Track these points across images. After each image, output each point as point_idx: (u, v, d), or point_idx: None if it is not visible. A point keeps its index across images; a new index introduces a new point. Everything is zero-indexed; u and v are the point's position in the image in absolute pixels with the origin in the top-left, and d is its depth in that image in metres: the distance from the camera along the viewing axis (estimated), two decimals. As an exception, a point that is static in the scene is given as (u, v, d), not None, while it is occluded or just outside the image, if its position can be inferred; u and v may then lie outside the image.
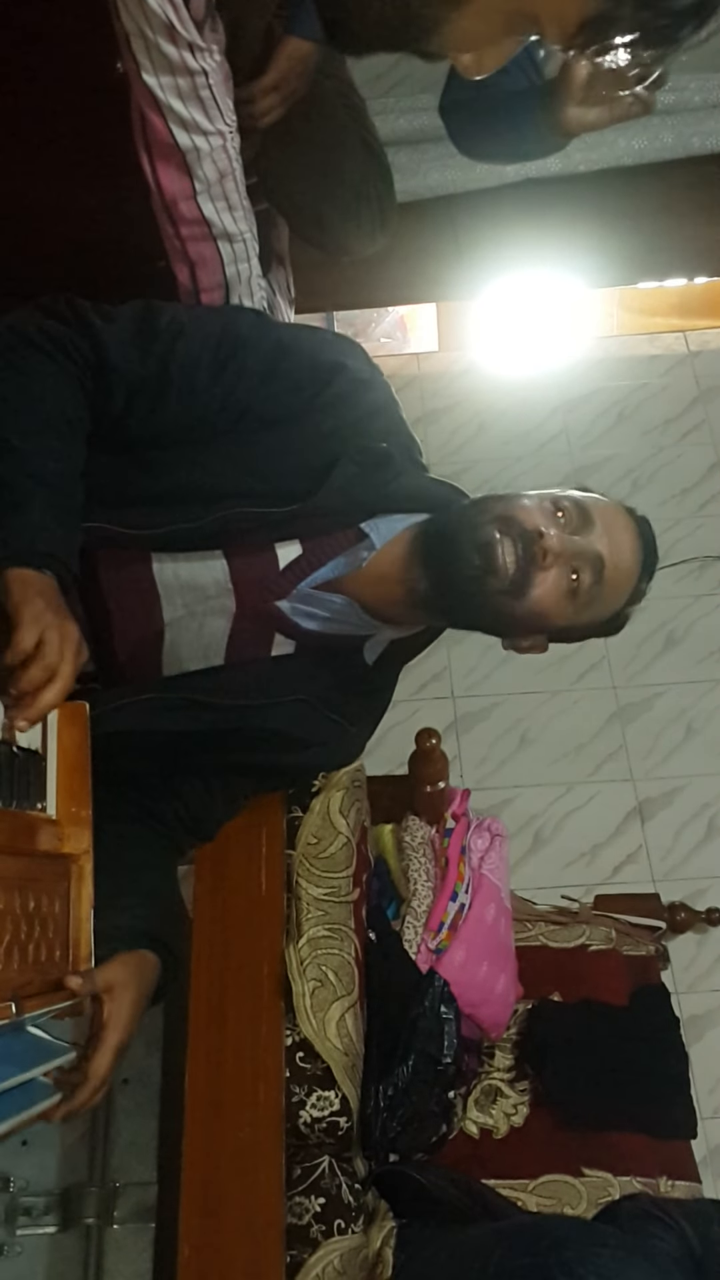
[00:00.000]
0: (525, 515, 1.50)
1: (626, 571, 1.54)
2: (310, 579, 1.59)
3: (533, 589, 1.48)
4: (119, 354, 1.49)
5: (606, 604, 1.55)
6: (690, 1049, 2.50)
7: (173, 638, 1.60)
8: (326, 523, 1.58)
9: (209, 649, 1.62)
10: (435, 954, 2.12)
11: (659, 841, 3.36)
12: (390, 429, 1.64)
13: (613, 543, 1.52)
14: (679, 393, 4.22)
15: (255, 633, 1.62)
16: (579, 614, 1.52)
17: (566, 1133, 2.25)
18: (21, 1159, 1.73)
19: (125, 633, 1.58)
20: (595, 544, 1.50)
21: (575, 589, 1.49)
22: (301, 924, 1.87)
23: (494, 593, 1.49)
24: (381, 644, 1.66)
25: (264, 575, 1.58)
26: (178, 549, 1.55)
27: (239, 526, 1.54)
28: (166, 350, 1.51)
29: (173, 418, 1.52)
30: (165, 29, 1.47)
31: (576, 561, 1.48)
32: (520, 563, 1.47)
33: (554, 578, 1.49)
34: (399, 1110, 1.91)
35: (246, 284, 1.86)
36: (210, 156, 1.65)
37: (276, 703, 1.63)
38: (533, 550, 1.47)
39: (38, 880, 1.28)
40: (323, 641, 1.63)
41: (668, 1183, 2.21)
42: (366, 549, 1.57)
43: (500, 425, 4.14)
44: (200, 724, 1.61)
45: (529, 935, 2.57)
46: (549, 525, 1.49)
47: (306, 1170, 1.80)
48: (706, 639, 3.71)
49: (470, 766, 3.49)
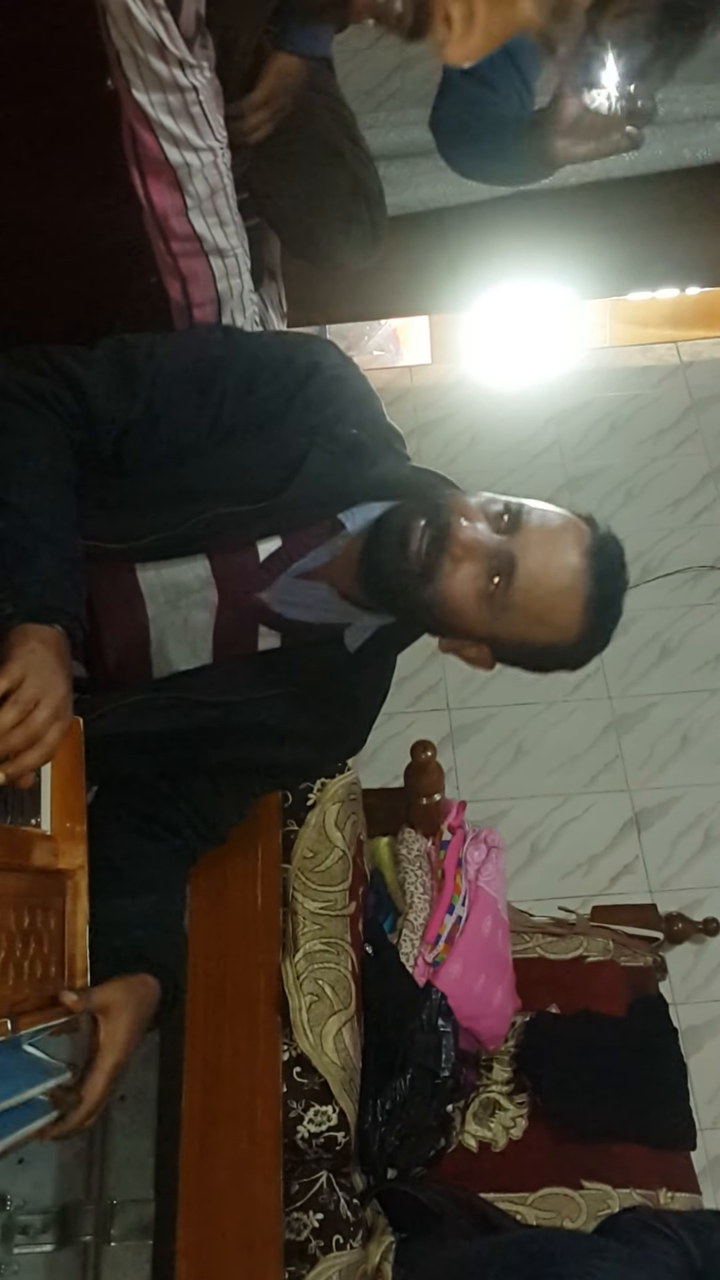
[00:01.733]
0: (454, 507, 1.49)
1: (552, 586, 1.47)
2: (290, 570, 1.59)
3: (441, 577, 1.46)
4: (103, 402, 1.50)
5: (531, 614, 1.48)
6: (689, 1059, 2.50)
7: (158, 635, 1.61)
8: (305, 515, 1.58)
9: (195, 645, 1.62)
10: (432, 967, 2.12)
11: (656, 852, 3.35)
12: (367, 419, 1.64)
13: (540, 551, 1.47)
14: (672, 403, 4.23)
15: (239, 625, 1.62)
16: (495, 619, 1.48)
17: (565, 1145, 2.25)
18: (18, 1177, 1.73)
19: (112, 638, 1.59)
20: (509, 546, 1.46)
21: (490, 590, 1.47)
22: (298, 938, 1.87)
23: (403, 574, 1.48)
24: (364, 631, 1.66)
25: (244, 569, 1.59)
26: (161, 556, 1.56)
27: (218, 527, 1.54)
28: (149, 390, 1.52)
29: (163, 446, 1.54)
30: (155, 46, 1.48)
31: (495, 562, 1.46)
32: (430, 549, 1.46)
33: (465, 571, 1.46)
34: (397, 1124, 1.91)
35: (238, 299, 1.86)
36: (201, 172, 1.65)
37: (266, 696, 1.63)
38: (443, 538, 1.46)
39: (33, 896, 1.28)
40: (307, 631, 1.63)
41: (667, 1194, 2.21)
42: (343, 538, 1.57)
43: (493, 437, 4.15)
44: (192, 722, 1.61)
45: (526, 947, 2.57)
46: (474, 520, 1.48)
47: (304, 1185, 1.80)
48: (701, 649, 3.71)
49: (466, 778, 3.49)
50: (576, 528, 1.51)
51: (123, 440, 1.53)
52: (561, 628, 1.49)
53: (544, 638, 1.50)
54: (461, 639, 1.55)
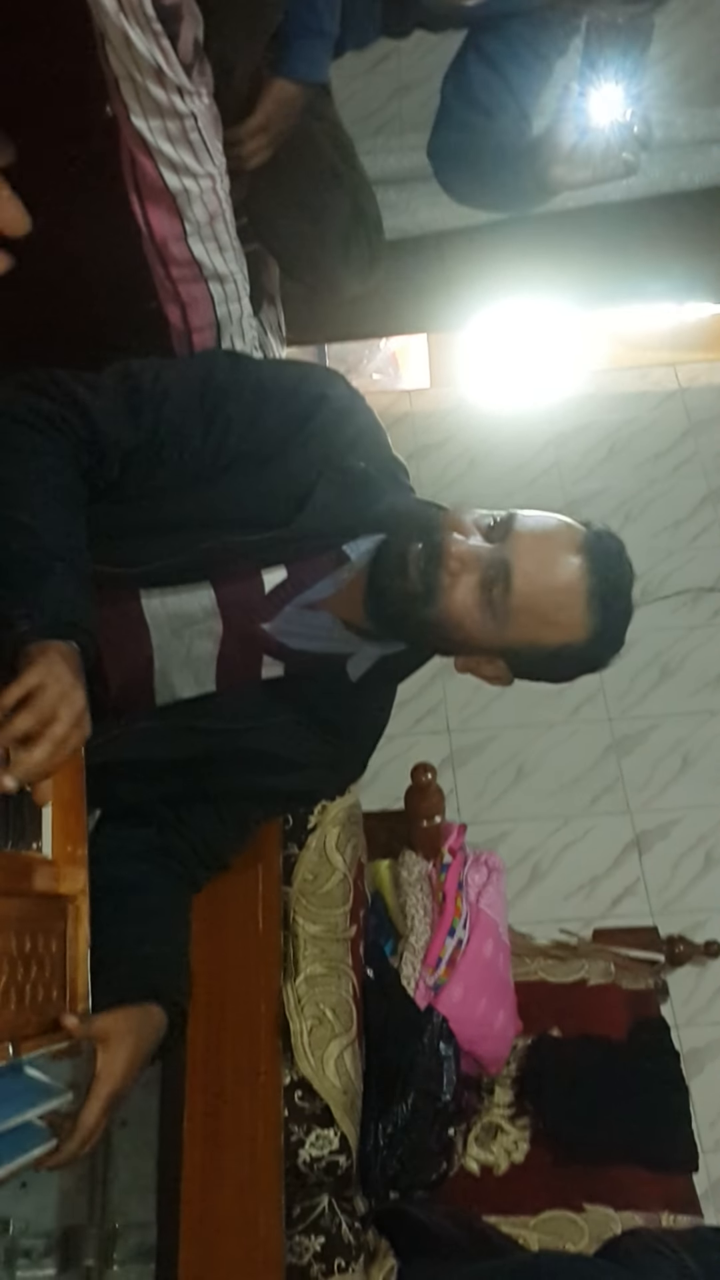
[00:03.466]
0: (447, 524, 1.50)
1: (549, 585, 1.48)
2: (295, 601, 1.60)
3: (441, 594, 1.47)
4: (110, 425, 1.51)
5: (535, 617, 1.49)
6: (690, 1082, 2.49)
7: (162, 664, 1.61)
8: (310, 546, 1.59)
9: (199, 674, 1.63)
10: (433, 990, 2.11)
11: (657, 874, 3.35)
12: (373, 452, 1.65)
13: (533, 554, 1.48)
14: (670, 426, 4.24)
15: (243, 655, 1.62)
16: (501, 626, 1.49)
17: (567, 1168, 2.24)
18: (20, 1201, 1.72)
19: (116, 665, 1.59)
20: (502, 552, 1.47)
21: (490, 599, 1.48)
22: (299, 961, 1.86)
23: (407, 598, 1.49)
24: (367, 660, 1.66)
25: (250, 599, 1.59)
26: (165, 583, 1.56)
27: (224, 556, 1.55)
28: (155, 416, 1.53)
29: (168, 475, 1.55)
30: (154, 73, 1.48)
31: (491, 570, 1.47)
32: (427, 567, 1.47)
33: (464, 584, 1.47)
34: (399, 1148, 1.90)
35: (238, 324, 1.87)
36: (200, 198, 1.66)
37: (269, 724, 1.63)
38: (439, 555, 1.47)
39: (34, 921, 1.28)
40: (312, 661, 1.64)
41: (669, 1217, 2.20)
42: (348, 570, 1.58)
43: (492, 460, 4.16)
44: (196, 749, 1.62)
45: (527, 970, 2.57)
46: (467, 535, 1.49)
47: (306, 1209, 1.79)
48: (701, 670, 3.71)
49: (467, 801, 3.48)
50: (569, 527, 1.52)
51: (128, 464, 1.53)
52: (569, 626, 1.50)
53: (554, 639, 1.50)
54: (476, 655, 1.56)
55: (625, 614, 1.55)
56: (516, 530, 1.49)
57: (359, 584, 1.57)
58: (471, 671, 1.59)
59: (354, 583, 1.57)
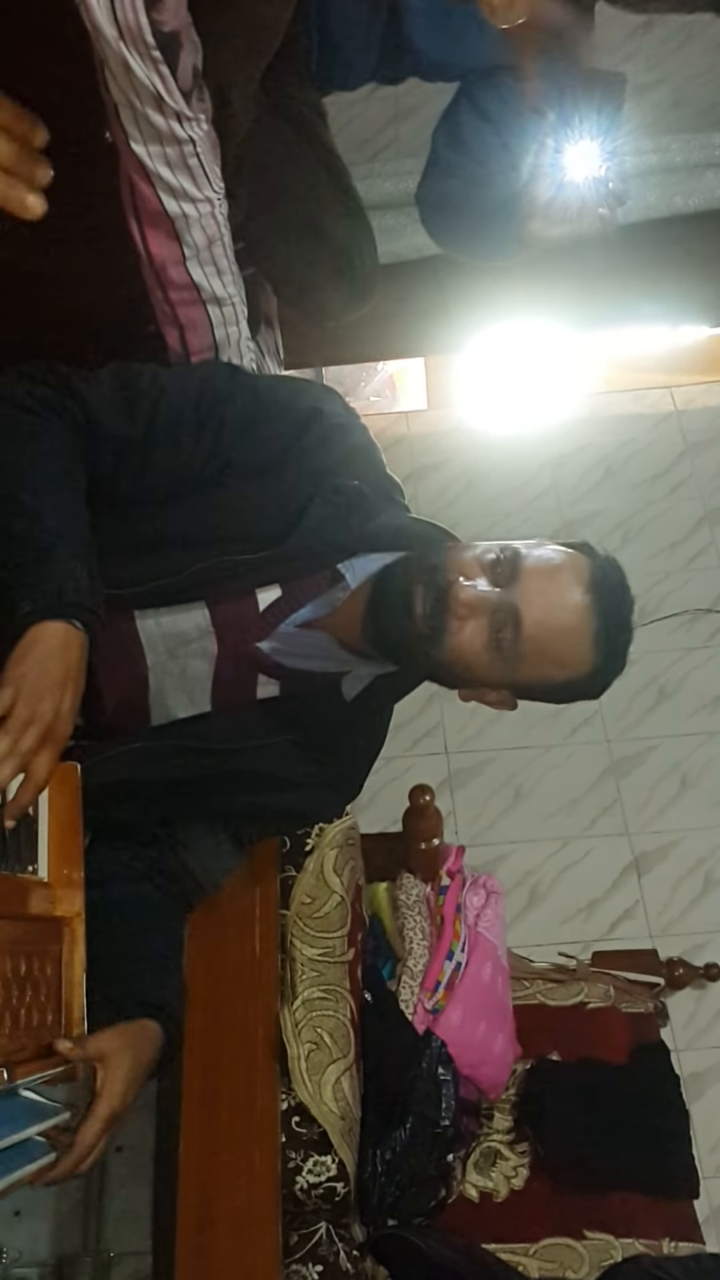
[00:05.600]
0: (451, 565, 1.50)
1: (559, 628, 1.48)
2: (290, 620, 1.59)
3: (448, 637, 1.47)
4: (105, 415, 1.52)
5: (545, 658, 1.49)
6: (691, 1106, 2.48)
7: (157, 684, 1.61)
8: (305, 565, 1.59)
9: (194, 694, 1.62)
10: (432, 1014, 2.10)
11: (656, 896, 3.34)
12: (368, 470, 1.65)
13: (542, 598, 1.47)
14: (666, 448, 4.26)
15: (238, 674, 1.62)
16: (511, 668, 1.49)
17: (567, 1194, 2.22)
18: (15, 1229, 1.71)
19: (111, 685, 1.59)
20: (510, 597, 1.47)
21: (499, 642, 1.48)
22: (296, 985, 1.85)
23: (414, 639, 1.49)
24: (362, 680, 1.66)
25: (244, 619, 1.59)
26: (160, 603, 1.56)
27: (218, 575, 1.55)
28: (150, 410, 1.54)
29: (160, 474, 1.55)
30: (153, 99, 1.49)
31: (499, 615, 1.47)
32: (434, 611, 1.47)
33: (472, 629, 1.47)
34: (397, 1174, 1.89)
35: (236, 346, 1.87)
36: (199, 223, 1.66)
37: (265, 744, 1.63)
38: (445, 600, 1.47)
39: (29, 943, 1.27)
40: (307, 680, 1.63)
41: (670, 1244, 2.18)
42: (343, 590, 1.58)
43: (489, 481, 4.17)
44: (191, 770, 1.61)
45: (527, 993, 2.56)
46: (472, 576, 1.49)
47: (304, 1237, 1.78)
48: (698, 692, 3.72)
49: (465, 823, 3.48)
50: (574, 563, 1.51)
51: (122, 459, 1.53)
52: (576, 663, 1.50)
53: (562, 676, 1.51)
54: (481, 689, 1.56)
55: (628, 642, 1.56)
56: (523, 572, 1.48)
57: (355, 603, 1.57)
58: (476, 699, 1.60)
59: (350, 602, 1.57)
